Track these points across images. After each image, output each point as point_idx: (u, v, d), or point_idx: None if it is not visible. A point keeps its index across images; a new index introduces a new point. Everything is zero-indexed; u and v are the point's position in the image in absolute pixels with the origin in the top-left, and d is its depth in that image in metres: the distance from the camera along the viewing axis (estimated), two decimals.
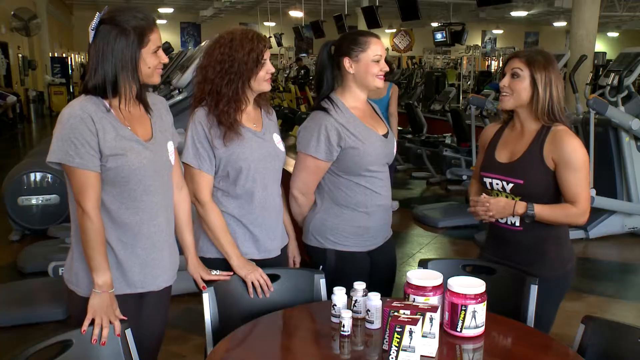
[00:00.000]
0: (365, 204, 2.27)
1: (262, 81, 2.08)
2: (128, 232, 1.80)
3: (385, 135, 2.30)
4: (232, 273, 2.08)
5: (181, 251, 2.04)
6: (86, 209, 1.69)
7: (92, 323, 1.72)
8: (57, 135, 1.70)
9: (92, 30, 1.70)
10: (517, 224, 2.13)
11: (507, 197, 2.12)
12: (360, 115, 2.27)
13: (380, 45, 2.23)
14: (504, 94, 2.10)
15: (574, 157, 2.01)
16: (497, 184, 2.14)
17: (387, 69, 2.25)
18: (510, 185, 2.09)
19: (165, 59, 1.81)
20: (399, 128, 9.05)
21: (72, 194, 1.76)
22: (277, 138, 2.21)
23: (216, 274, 2.05)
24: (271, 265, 2.19)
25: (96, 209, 1.71)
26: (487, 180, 2.18)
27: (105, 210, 1.76)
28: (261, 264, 2.15)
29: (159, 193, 1.85)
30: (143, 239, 1.83)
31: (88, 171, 1.69)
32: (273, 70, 2.11)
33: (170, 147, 1.91)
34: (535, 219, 2.03)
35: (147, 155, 1.79)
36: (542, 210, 2.03)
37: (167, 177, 1.90)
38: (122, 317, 1.77)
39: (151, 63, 1.76)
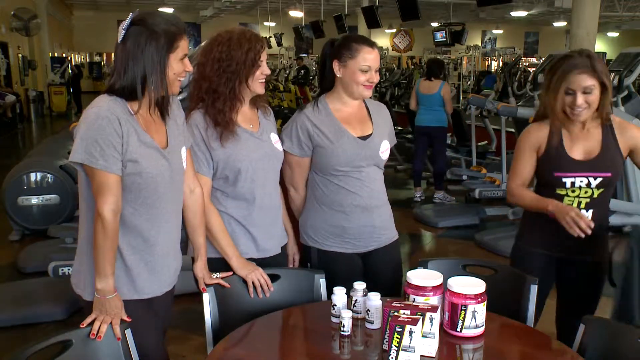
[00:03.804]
0: (341, 203, 2.27)
1: (256, 82, 2.08)
2: (138, 237, 1.80)
3: (364, 138, 2.27)
4: (231, 273, 2.08)
5: (183, 251, 2.04)
6: (102, 212, 1.67)
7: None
8: (82, 135, 1.66)
9: (124, 30, 1.68)
10: (590, 217, 2.14)
11: (586, 192, 2.18)
12: (342, 117, 2.27)
13: (372, 55, 2.19)
14: (581, 109, 2.10)
15: None
16: (581, 181, 2.17)
17: (375, 80, 2.22)
18: (598, 180, 2.16)
19: (190, 68, 1.79)
20: (400, 128, 9.06)
21: (86, 196, 1.76)
22: (274, 138, 2.21)
23: (217, 277, 2.05)
24: (270, 264, 2.19)
25: (112, 212, 1.68)
26: (568, 180, 2.18)
27: None
28: (260, 263, 2.15)
29: (171, 200, 1.85)
30: (152, 245, 1.82)
31: (110, 174, 1.67)
32: (268, 72, 2.11)
33: (184, 152, 1.90)
34: None
35: (163, 163, 1.78)
36: None
37: (179, 183, 1.90)
38: (126, 319, 1.76)
39: (177, 70, 1.75)
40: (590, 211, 2.19)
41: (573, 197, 2.19)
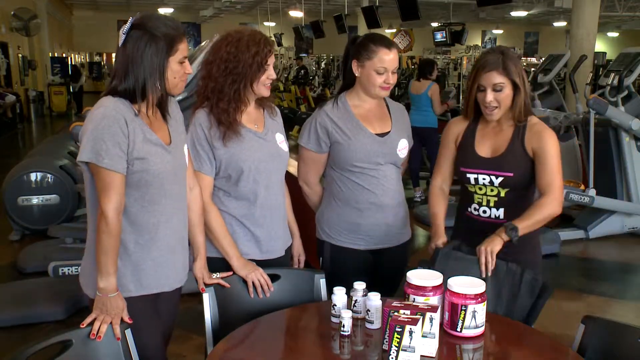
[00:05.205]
0: (356, 200, 2.28)
1: (262, 86, 2.08)
2: (145, 234, 1.81)
3: (382, 135, 2.29)
4: (231, 273, 2.09)
5: None
6: (105, 210, 1.68)
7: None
8: (89, 135, 1.68)
9: (124, 34, 1.71)
10: (502, 216, 2.16)
11: (492, 190, 2.16)
12: (361, 114, 2.29)
13: (389, 57, 2.19)
14: (493, 107, 2.10)
15: (549, 146, 2.09)
16: (483, 178, 2.16)
17: (391, 81, 2.23)
18: (500, 179, 2.14)
19: (190, 70, 1.81)
20: None
21: (93, 196, 1.76)
22: (280, 138, 2.21)
23: (217, 277, 2.05)
24: (274, 266, 2.19)
25: (115, 211, 1.69)
26: (472, 176, 2.18)
27: (125, 212, 1.76)
28: (263, 264, 2.15)
29: (176, 196, 1.87)
30: (158, 241, 1.83)
31: (114, 172, 1.68)
32: (274, 76, 2.11)
33: (185, 149, 1.93)
34: (520, 233, 1.99)
35: (169, 159, 1.81)
36: (522, 222, 2.01)
37: (183, 179, 1.92)
38: (127, 320, 1.77)
39: (177, 73, 1.77)
40: (502, 210, 2.16)
41: (481, 195, 2.19)
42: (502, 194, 2.16)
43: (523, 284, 1.98)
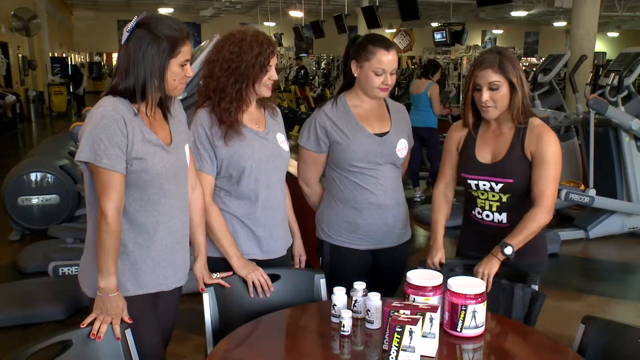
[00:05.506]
0: (355, 200, 2.29)
1: (263, 86, 2.08)
2: (144, 233, 1.81)
3: (381, 135, 2.30)
4: (231, 273, 2.09)
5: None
6: (105, 210, 1.69)
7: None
8: (88, 134, 1.69)
9: (128, 32, 1.71)
10: (505, 221, 2.16)
11: (493, 196, 2.16)
12: (360, 113, 2.29)
13: (387, 58, 2.19)
14: (489, 106, 2.07)
15: (549, 151, 2.06)
16: (484, 185, 2.15)
17: (390, 83, 2.22)
18: (500, 185, 2.13)
19: (191, 73, 1.81)
20: None
21: (92, 195, 1.77)
22: (281, 138, 2.22)
23: (217, 277, 2.05)
24: (275, 266, 2.19)
25: (115, 210, 1.70)
26: (472, 182, 2.18)
27: (124, 212, 1.76)
28: (264, 264, 2.15)
29: (176, 196, 1.87)
30: (157, 241, 1.84)
31: (114, 172, 1.69)
32: (276, 77, 2.11)
33: (187, 149, 1.93)
34: (515, 249, 2.01)
35: (169, 159, 1.81)
36: (515, 239, 2.03)
37: (184, 179, 1.92)
38: (127, 320, 1.77)
39: (177, 75, 1.77)
40: (504, 214, 2.16)
41: (484, 200, 2.19)
42: (504, 199, 2.15)
43: (515, 299, 2.00)
